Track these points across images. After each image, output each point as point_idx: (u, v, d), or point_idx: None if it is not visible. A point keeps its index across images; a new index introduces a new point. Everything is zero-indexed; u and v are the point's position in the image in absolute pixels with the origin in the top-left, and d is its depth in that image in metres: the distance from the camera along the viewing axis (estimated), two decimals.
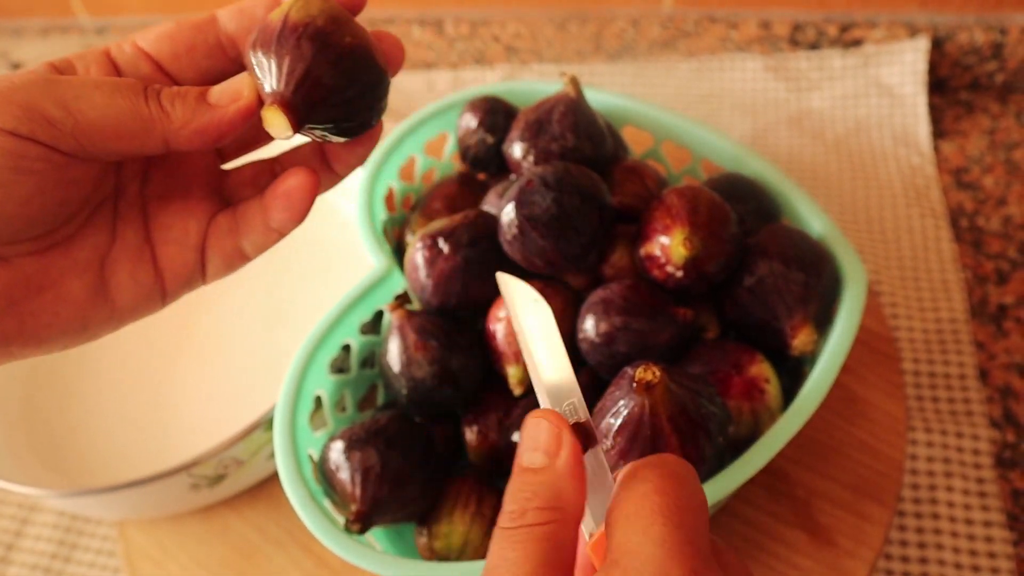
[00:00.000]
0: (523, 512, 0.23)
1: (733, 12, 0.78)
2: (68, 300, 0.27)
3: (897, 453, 0.48)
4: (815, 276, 0.42)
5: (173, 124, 0.25)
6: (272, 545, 0.51)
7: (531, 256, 0.43)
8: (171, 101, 0.25)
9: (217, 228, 0.29)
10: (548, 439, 0.24)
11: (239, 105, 0.26)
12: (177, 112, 0.25)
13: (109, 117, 0.25)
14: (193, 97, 0.26)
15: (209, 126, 0.26)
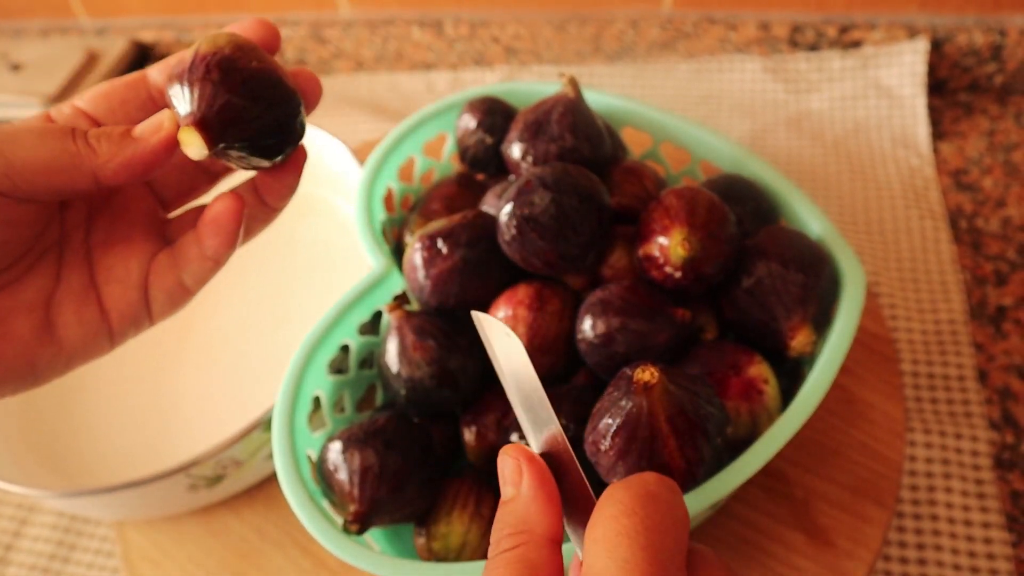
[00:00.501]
0: (498, 541, 0.24)
1: (732, 13, 0.78)
2: (13, 340, 0.28)
3: (896, 454, 0.48)
4: (814, 277, 0.42)
5: (99, 159, 0.27)
6: (270, 546, 0.51)
7: (529, 256, 0.43)
8: (97, 139, 0.27)
9: (158, 265, 0.31)
10: (511, 471, 0.26)
11: (160, 136, 0.27)
12: (103, 148, 0.27)
13: (40, 156, 0.26)
14: (118, 133, 0.27)
15: (134, 158, 0.27)
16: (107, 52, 0.89)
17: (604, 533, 0.22)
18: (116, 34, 0.93)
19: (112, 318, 0.30)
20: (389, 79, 0.88)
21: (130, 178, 0.27)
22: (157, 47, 0.93)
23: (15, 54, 0.88)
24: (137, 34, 0.92)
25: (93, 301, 0.30)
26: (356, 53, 0.88)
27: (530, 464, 0.25)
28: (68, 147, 0.26)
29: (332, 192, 0.67)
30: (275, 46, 0.30)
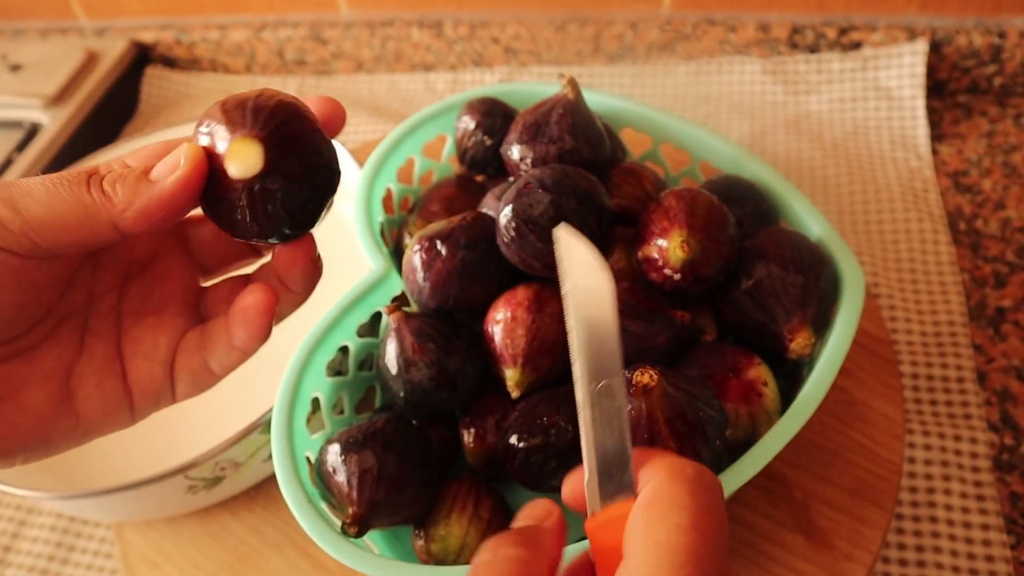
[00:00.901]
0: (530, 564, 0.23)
1: (732, 15, 0.78)
2: (28, 411, 0.26)
3: (895, 456, 0.48)
4: (813, 279, 0.42)
5: (116, 207, 0.24)
6: (269, 547, 0.51)
7: (528, 258, 0.43)
8: (112, 185, 0.25)
9: (186, 344, 0.29)
10: (543, 511, 0.25)
11: (179, 176, 0.25)
12: (119, 195, 0.25)
13: (55, 210, 0.24)
14: (134, 177, 0.25)
15: (151, 204, 0.25)
16: (107, 53, 0.89)
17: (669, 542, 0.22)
18: (116, 35, 0.93)
19: (135, 393, 0.28)
20: (389, 80, 0.88)
21: (152, 226, 0.25)
22: (157, 48, 0.93)
23: (15, 55, 0.88)
24: (137, 35, 0.92)
25: (117, 373, 0.28)
26: (356, 54, 0.88)
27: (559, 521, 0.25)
28: (83, 197, 0.24)
29: None
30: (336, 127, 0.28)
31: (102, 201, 0.24)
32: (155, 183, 0.25)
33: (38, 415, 0.26)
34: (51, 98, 0.82)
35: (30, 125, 0.81)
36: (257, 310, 0.27)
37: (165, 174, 0.25)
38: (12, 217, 0.23)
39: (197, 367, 0.29)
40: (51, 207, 0.24)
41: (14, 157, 0.77)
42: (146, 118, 0.90)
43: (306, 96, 0.28)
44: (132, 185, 0.25)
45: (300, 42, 0.89)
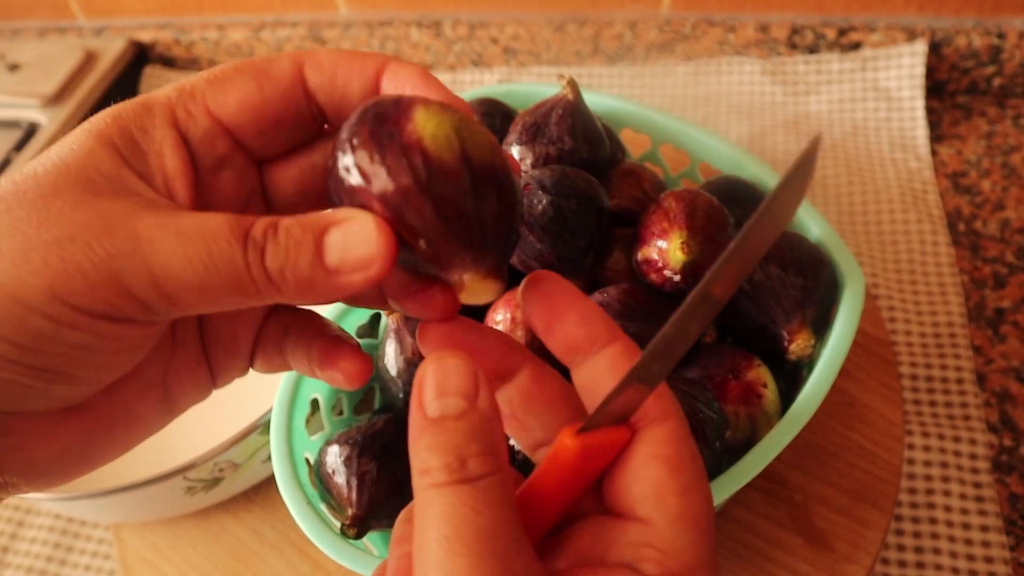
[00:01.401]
0: (462, 460, 0.19)
1: (731, 15, 0.78)
2: (139, 423, 0.25)
3: (894, 458, 0.48)
4: (813, 280, 0.42)
5: (282, 293, 0.20)
6: (268, 549, 0.50)
7: (528, 259, 0.43)
8: (279, 265, 0.20)
9: (266, 337, 0.26)
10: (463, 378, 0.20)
11: (368, 276, 0.20)
12: (290, 283, 0.20)
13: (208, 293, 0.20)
14: (308, 257, 0.20)
15: (332, 295, 0.21)
16: (105, 52, 0.89)
17: (704, 521, 0.20)
18: (114, 34, 0.93)
19: (216, 376, 0.27)
20: None
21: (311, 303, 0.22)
22: (155, 47, 0.93)
23: (13, 54, 0.88)
24: (135, 34, 0.92)
25: (203, 363, 0.26)
26: None
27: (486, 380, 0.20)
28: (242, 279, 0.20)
29: None
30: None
31: (268, 288, 0.20)
32: (335, 275, 0.20)
33: (147, 423, 0.25)
34: (49, 98, 0.82)
35: (28, 125, 0.81)
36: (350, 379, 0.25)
37: (349, 268, 0.20)
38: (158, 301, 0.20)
39: (276, 360, 0.27)
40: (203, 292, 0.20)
41: (12, 157, 0.77)
42: None
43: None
44: (306, 274, 0.20)
45: (299, 42, 0.89)
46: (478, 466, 0.19)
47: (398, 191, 0.20)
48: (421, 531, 0.19)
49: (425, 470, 0.19)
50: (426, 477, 0.19)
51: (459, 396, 0.20)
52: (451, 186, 0.20)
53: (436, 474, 0.19)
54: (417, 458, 0.20)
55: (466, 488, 0.19)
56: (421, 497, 0.19)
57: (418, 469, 0.20)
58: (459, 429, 0.19)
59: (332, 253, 0.20)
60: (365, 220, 0.20)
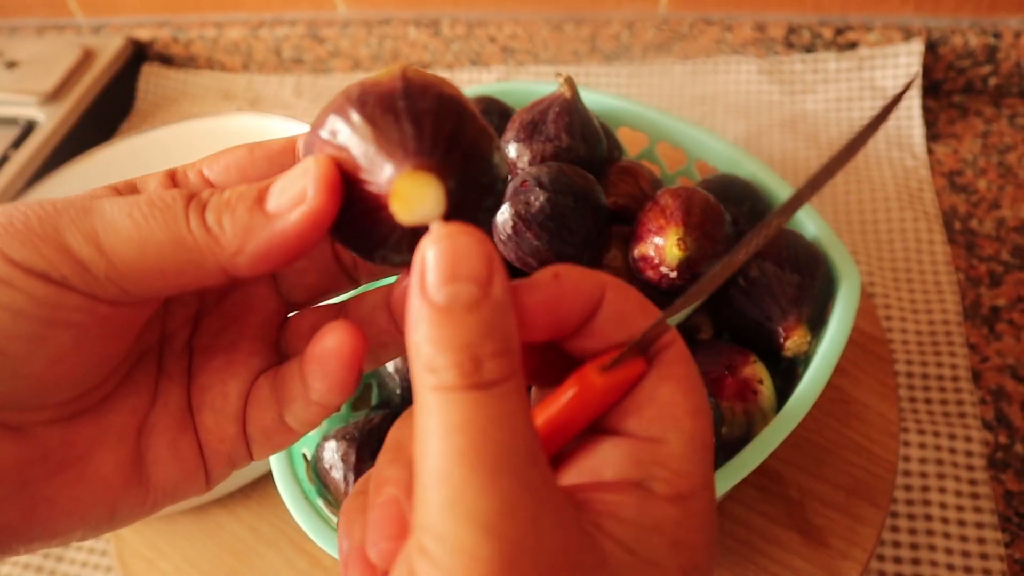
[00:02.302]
0: (476, 361, 0.17)
1: (728, 14, 0.78)
2: (95, 481, 0.21)
3: (890, 454, 0.48)
4: (809, 277, 0.43)
5: (226, 249, 0.19)
6: (265, 544, 0.51)
7: (525, 256, 0.43)
8: (218, 218, 0.19)
9: (258, 394, 0.23)
10: (477, 263, 0.17)
11: (306, 209, 0.19)
12: (228, 232, 0.19)
13: (147, 252, 0.19)
14: (246, 208, 0.19)
15: (270, 245, 0.19)
16: (103, 50, 0.89)
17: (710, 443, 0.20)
18: (112, 32, 0.93)
19: (207, 453, 0.23)
20: None
21: (272, 269, 0.20)
22: (153, 45, 0.93)
23: (11, 52, 0.88)
24: (133, 32, 0.92)
25: (190, 430, 0.23)
26: (353, 52, 0.88)
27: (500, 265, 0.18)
28: (182, 235, 0.19)
29: None
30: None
31: (206, 241, 0.19)
32: (275, 218, 0.19)
33: (106, 485, 0.21)
34: (47, 95, 0.82)
35: (26, 122, 0.81)
36: (339, 358, 0.21)
37: (288, 206, 0.19)
38: (97, 260, 0.19)
39: (271, 424, 0.23)
40: (143, 248, 0.19)
41: (10, 154, 0.77)
42: (142, 116, 0.89)
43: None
44: (244, 220, 0.19)
45: (297, 40, 0.89)
46: (495, 369, 0.17)
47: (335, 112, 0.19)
48: (427, 441, 0.17)
49: (431, 368, 0.17)
50: (431, 377, 0.17)
51: (471, 282, 0.17)
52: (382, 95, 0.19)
53: (445, 375, 0.17)
54: (419, 352, 0.17)
55: (482, 395, 0.17)
56: (426, 399, 0.17)
57: (422, 366, 0.17)
58: (472, 322, 0.17)
59: (271, 199, 0.19)
60: (306, 161, 0.19)
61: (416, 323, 0.17)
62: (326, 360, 0.21)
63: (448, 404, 0.17)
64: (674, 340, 0.21)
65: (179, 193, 0.19)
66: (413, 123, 0.18)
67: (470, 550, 0.16)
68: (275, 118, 0.67)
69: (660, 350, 0.21)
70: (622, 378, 0.20)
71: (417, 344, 0.17)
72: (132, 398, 0.22)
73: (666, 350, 0.21)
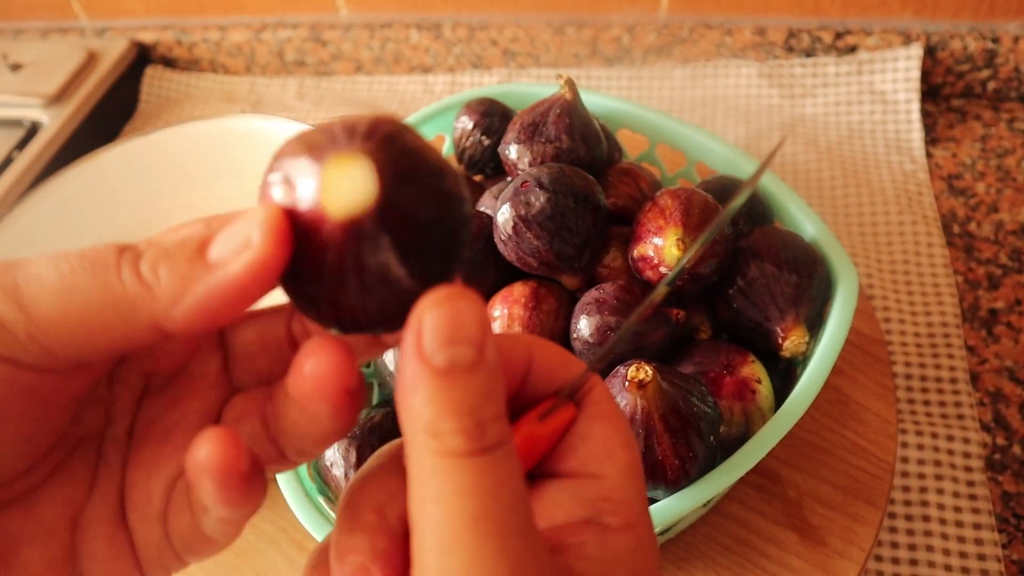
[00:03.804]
0: (481, 426, 0.17)
1: (728, 19, 0.79)
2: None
3: (888, 455, 0.49)
4: (807, 278, 0.43)
5: (160, 301, 0.17)
6: (266, 543, 0.51)
7: (525, 256, 0.43)
8: (153, 268, 0.17)
9: (177, 496, 0.20)
10: (474, 327, 0.17)
11: (251, 256, 0.17)
12: (164, 284, 0.17)
13: (72, 305, 0.17)
14: (185, 258, 0.17)
15: (211, 297, 0.17)
16: (107, 52, 0.89)
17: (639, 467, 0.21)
18: (116, 35, 0.94)
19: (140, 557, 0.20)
20: (388, 81, 0.88)
21: (211, 324, 0.18)
22: (157, 48, 0.93)
23: (15, 54, 0.88)
24: (137, 35, 0.93)
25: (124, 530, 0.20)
26: (355, 55, 0.89)
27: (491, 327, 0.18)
28: (111, 286, 0.17)
29: None
30: None
31: (139, 292, 0.17)
32: (217, 268, 0.17)
33: None
34: (51, 97, 0.82)
35: (30, 124, 0.81)
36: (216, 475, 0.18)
37: (231, 253, 0.17)
38: (15, 315, 0.17)
39: (187, 531, 0.20)
40: (67, 301, 0.17)
41: (14, 156, 0.78)
42: (146, 118, 0.90)
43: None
44: (183, 269, 0.17)
45: (300, 43, 0.89)
46: (496, 432, 0.17)
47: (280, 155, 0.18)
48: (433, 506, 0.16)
49: (434, 432, 0.16)
50: (435, 442, 0.16)
51: (470, 345, 0.17)
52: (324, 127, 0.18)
53: (451, 440, 0.16)
54: (419, 416, 0.17)
55: (488, 460, 0.17)
56: (430, 465, 0.17)
57: (422, 430, 0.17)
58: (473, 386, 0.17)
59: (213, 248, 0.18)
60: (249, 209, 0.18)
61: (413, 386, 0.17)
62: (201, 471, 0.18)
63: (456, 470, 0.16)
64: (597, 383, 0.22)
65: (113, 245, 0.18)
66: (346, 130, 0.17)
67: None
68: (277, 120, 0.68)
69: (586, 394, 0.22)
70: (557, 424, 0.21)
71: (417, 408, 0.17)
72: (67, 488, 0.20)
73: (591, 393, 0.22)
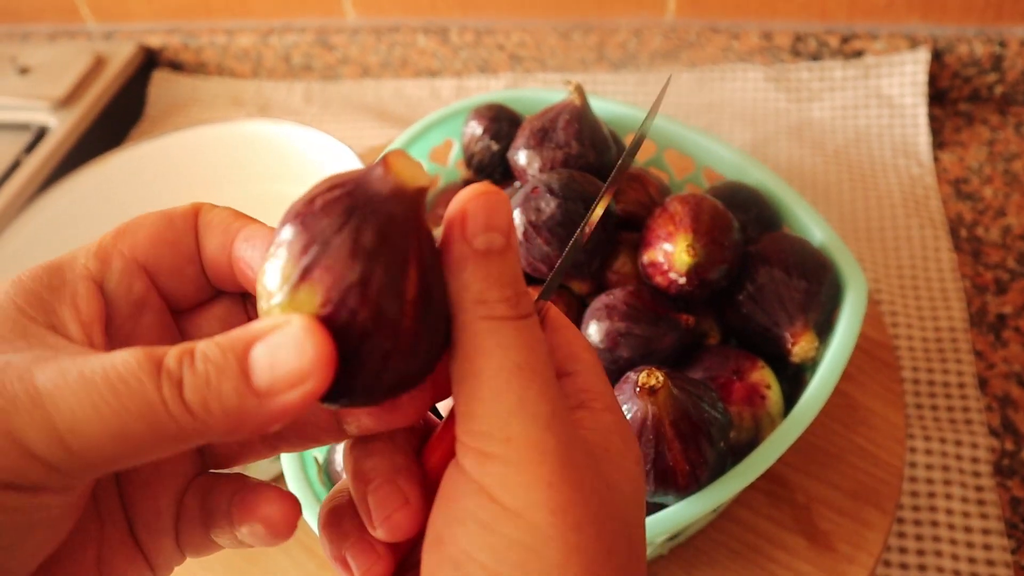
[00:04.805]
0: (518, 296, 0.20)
1: (735, 23, 0.79)
2: None
3: (896, 460, 0.49)
4: (816, 284, 0.43)
5: (211, 428, 0.17)
6: (275, 548, 0.51)
7: (535, 262, 0.43)
8: (201, 398, 0.17)
9: (187, 512, 0.23)
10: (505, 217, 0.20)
11: (306, 391, 0.17)
12: (215, 413, 0.17)
13: (125, 442, 0.17)
14: (233, 383, 0.17)
15: (266, 424, 0.18)
16: (114, 56, 0.90)
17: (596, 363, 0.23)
18: (123, 38, 0.94)
19: (154, 562, 0.23)
20: (394, 85, 0.89)
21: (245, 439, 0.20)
22: (164, 52, 0.94)
23: (23, 57, 0.89)
24: (144, 39, 0.93)
25: (135, 545, 0.23)
26: (362, 59, 0.89)
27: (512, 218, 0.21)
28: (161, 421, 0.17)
29: None
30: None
31: (189, 423, 0.17)
32: (267, 398, 0.17)
33: None
34: (59, 101, 0.83)
35: (38, 127, 0.82)
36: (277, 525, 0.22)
37: (283, 387, 0.17)
38: (66, 459, 0.17)
39: (200, 541, 0.23)
40: (117, 443, 0.17)
41: (22, 159, 0.78)
42: (153, 121, 0.90)
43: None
44: (233, 403, 0.17)
45: (307, 47, 0.89)
46: (527, 304, 0.20)
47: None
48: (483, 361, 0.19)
49: (481, 300, 0.19)
50: (482, 308, 0.19)
51: (501, 232, 0.20)
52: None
53: (496, 307, 0.19)
54: (467, 287, 0.20)
55: (524, 323, 0.20)
56: (478, 327, 0.19)
57: (472, 300, 0.19)
58: (507, 265, 0.20)
59: (260, 373, 0.17)
60: (292, 323, 0.17)
61: (460, 264, 0.20)
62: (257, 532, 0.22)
63: (502, 330, 0.19)
64: (549, 307, 0.24)
65: (143, 366, 0.17)
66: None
67: (539, 445, 0.19)
68: (284, 124, 0.68)
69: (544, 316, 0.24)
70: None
71: (466, 281, 0.20)
72: (87, 534, 0.22)
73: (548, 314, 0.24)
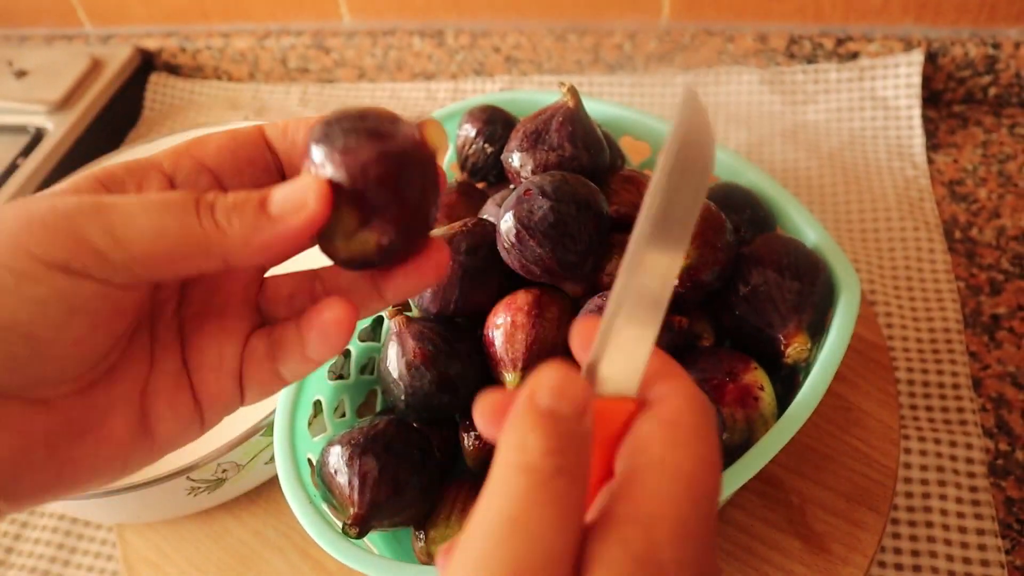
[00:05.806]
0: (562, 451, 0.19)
1: (730, 25, 0.79)
2: (110, 440, 0.25)
3: (891, 461, 0.49)
4: (809, 285, 0.43)
5: (232, 242, 0.23)
6: (270, 550, 0.51)
7: (528, 264, 0.43)
8: (227, 216, 0.23)
9: (253, 353, 0.27)
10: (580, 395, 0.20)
11: (305, 215, 0.23)
12: (235, 228, 0.23)
13: (161, 243, 0.22)
14: (252, 209, 0.23)
15: (273, 242, 0.23)
16: (111, 59, 0.90)
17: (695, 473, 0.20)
18: (120, 42, 0.94)
19: (204, 405, 0.27)
20: (391, 88, 0.89)
21: (267, 262, 0.25)
22: (161, 55, 0.94)
23: (20, 61, 0.89)
24: (141, 42, 0.93)
25: (186, 388, 0.26)
26: (358, 62, 0.89)
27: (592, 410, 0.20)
28: (194, 231, 0.22)
29: None
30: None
31: (215, 234, 0.23)
32: (277, 220, 0.23)
33: (119, 443, 0.25)
34: (56, 104, 0.83)
35: (35, 130, 0.82)
36: (339, 327, 0.25)
37: (290, 211, 0.23)
38: (114, 249, 0.22)
39: (267, 377, 0.27)
40: (157, 239, 0.22)
41: (19, 162, 0.78)
42: (150, 124, 0.90)
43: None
44: (250, 219, 0.23)
45: (303, 50, 0.90)
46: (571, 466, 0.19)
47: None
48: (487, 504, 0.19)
49: (521, 446, 0.19)
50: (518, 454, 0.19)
51: (572, 404, 0.20)
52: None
53: (533, 455, 0.19)
54: (513, 433, 0.20)
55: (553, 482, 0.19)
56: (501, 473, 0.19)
57: (512, 444, 0.19)
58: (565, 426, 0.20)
59: (273, 204, 0.23)
60: (303, 178, 0.23)
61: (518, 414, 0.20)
62: (327, 329, 0.25)
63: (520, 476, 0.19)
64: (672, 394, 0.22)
65: (188, 196, 0.23)
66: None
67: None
68: None
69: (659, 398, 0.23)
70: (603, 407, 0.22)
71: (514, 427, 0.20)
72: (134, 365, 0.26)
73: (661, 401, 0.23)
